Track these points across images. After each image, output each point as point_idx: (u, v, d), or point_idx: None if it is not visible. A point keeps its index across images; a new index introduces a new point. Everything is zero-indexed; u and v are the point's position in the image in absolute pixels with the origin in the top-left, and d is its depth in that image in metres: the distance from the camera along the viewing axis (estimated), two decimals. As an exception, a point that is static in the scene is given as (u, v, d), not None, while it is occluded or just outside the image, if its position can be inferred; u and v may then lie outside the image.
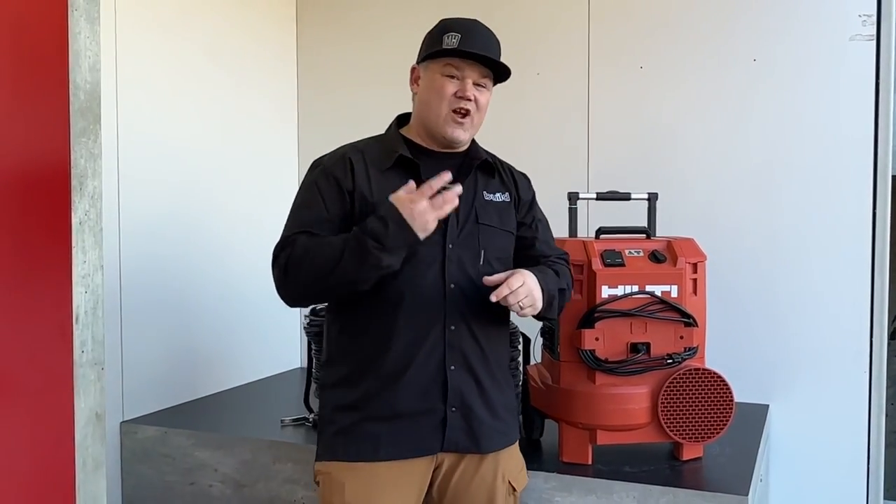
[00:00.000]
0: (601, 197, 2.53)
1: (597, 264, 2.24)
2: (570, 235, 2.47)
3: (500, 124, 3.26)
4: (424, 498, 1.96)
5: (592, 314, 2.22)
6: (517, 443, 2.07)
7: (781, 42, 2.93)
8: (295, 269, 1.82)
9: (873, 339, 2.85)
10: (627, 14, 3.12)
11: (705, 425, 2.26)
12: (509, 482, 2.00)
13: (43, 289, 1.92)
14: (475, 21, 1.96)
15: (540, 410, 2.44)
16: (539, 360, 2.57)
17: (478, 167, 2.00)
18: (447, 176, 1.75)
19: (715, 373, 2.24)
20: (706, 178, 3.02)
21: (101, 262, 2.00)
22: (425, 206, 1.72)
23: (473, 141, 2.05)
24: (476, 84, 1.92)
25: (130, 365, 2.83)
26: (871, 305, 2.85)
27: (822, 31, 2.87)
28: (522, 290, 1.83)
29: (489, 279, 1.86)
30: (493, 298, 1.81)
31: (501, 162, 2.12)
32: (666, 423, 2.23)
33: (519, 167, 2.45)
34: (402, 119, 2.04)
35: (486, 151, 2.07)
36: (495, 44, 1.98)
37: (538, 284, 1.88)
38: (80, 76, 1.96)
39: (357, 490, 1.87)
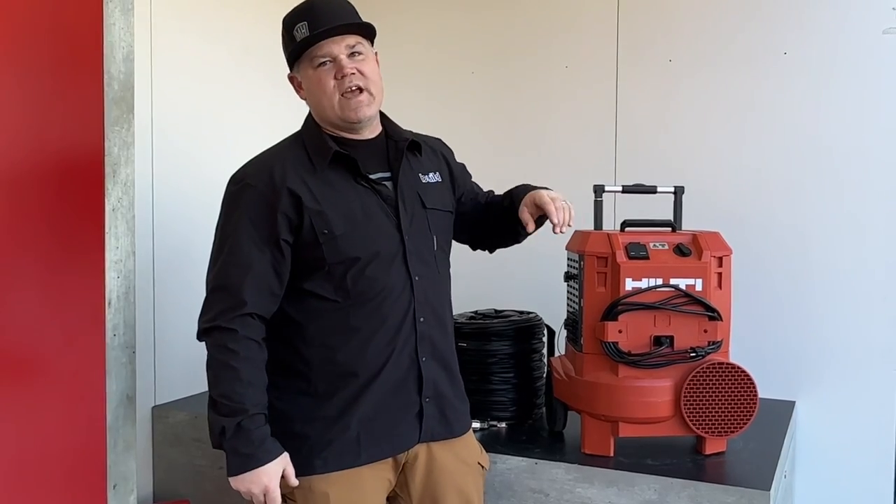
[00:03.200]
0: (627, 190, 2.53)
1: (621, 257, 2.24)
2: (596, 228, 2.47)
3: (528, 116, 3.29)
4: (393, 490, 1.95)
5: (616, 307, 2.22)
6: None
7: (813, 35, 2.90)
8: (214, 365, 1.85)
9: (903, 337, 2.82)
10: (657, 6, 3.11)
11: (728, 420, 2.25)
12: (478, 463, 2.05)
13: (77, 274, 1.98)
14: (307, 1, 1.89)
15: (563, 402, 2.45)
16: (563, 352, 2.57)
17: (406, 148, 1.96)
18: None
19: (739, 367, 2.23)
20: (734, 171, 3.00)
21: (134, 248, 2.05)
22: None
23: (390, 120, 2.01)
24: (351, 55, 1.84)
25: (163, 350, 2.89)
26: (901, 302, 2.81)
27: (855, 24, 2.84)
28: (561, 201, 1.91)
29: (527, 219, 1.93)
30: (560, 231, 1.88)
31: (420, 136, 2.06)
32: (689, 416, 2.23)
33: (546, 159, 2.45)
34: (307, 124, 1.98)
35: (404, 129, 2.03)
36: (342, 4, 1.92)
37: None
38: (115, 67, 2.01)
39: (342, 498, 1.83)
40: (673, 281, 2.23)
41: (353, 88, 1.83)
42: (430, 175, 1.99)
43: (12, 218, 1.83)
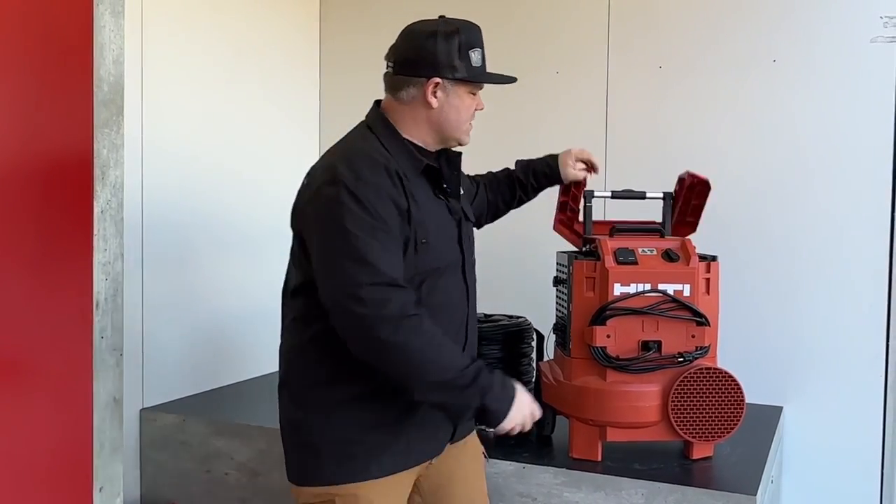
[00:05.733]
0: (616, 195, 2.53)
1: (609, 262, 2.25)
2: (585, 232, 2.48)
3: (518, 121, 3.30)
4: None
5: (604, 311, 2.23)
6: None
7: (802, 43, 2.92)
8: (429, 349, 1.73)
9: (889, 343, 2.83)
10: (647, 13, 3.12)
11: (716, 425, 2.26)
12: (482, 453, 2.11)
13: (64, 275, 1.97)
14: (478, 27, 1.93)
15: (551, 406, 2.45)
16: (552, 356, 2.58)
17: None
18: None
19: (726, 372, 2.25)
20: (723, 178, 2.99)
21: (122, 251, 2.04)
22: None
23: None
24: None
25: (151, 353, 2.89)
26: (887, 308, 2.83)
27: (843, 33, 2.86)
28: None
29: (583, 175, 2.35)
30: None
31: None
32: (676, 421, 2.24)
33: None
34: (378, 115, 1.95)
35: None
36: None
37: None
38: (104, 69, 2.00)
39: (386, 502, 1.85)
40: (661, 286, 2.24)
41: (472, 121, 1.94)
42: (462, 188, 2.04)
43: None
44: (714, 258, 2.34)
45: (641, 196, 2.53)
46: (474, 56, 1.86)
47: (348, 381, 1.82)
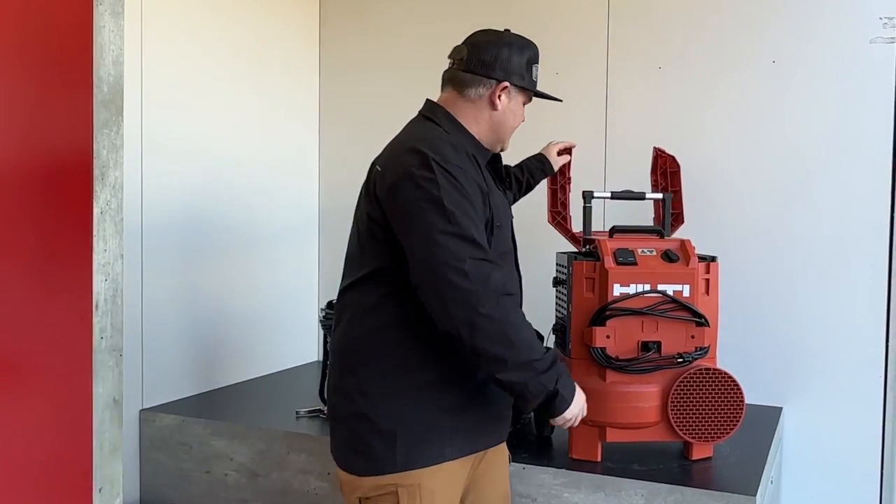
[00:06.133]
0: (616, 196, 2.54)
1: (609, 262, 2.25)
2: (585, 233, 2.49)
3: (518, 122, 3.30)
4: None
5: (604, 312, 2.23)
6: None
7: (801, 43, 2.92)
8: (522, 328, 1.81)
9: (889, 343, 2.83)
10: (647, 14, 3.13)
11: (715, 425, 2.26)
12: (508, 455, 2.14)
13: (64, 276, 1.97)
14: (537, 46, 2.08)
15: (551, 407, 2.45)
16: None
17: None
18: None
19: (725, 373, 2.25)
20: (723, 178, 3.02)
21: (122, 251, 2.04)
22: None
23: None
24: None
25: (150, 354, 2.89)
26: (887, 309, 2.83)
27: (843, 34, 2.86)
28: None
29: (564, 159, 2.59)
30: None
31: None
32: (675, 422, 2.24)
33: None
34: (440, 110, 2.00)
35: None
36: None
37: None
38: (104, 69, 2.00)
39: (445, 493, 1.88)
40: (661, 287, 2.24)
41: None
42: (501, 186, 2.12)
43: (-1, 220, 1.83)
44: (713, 259, 2.34)
45: (641, 197, 2.53)
46: (535, 71, 2.05)
47: (418, 368, 1.86)
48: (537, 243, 2.49)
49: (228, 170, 3.23)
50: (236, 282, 3.26)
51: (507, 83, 1.96)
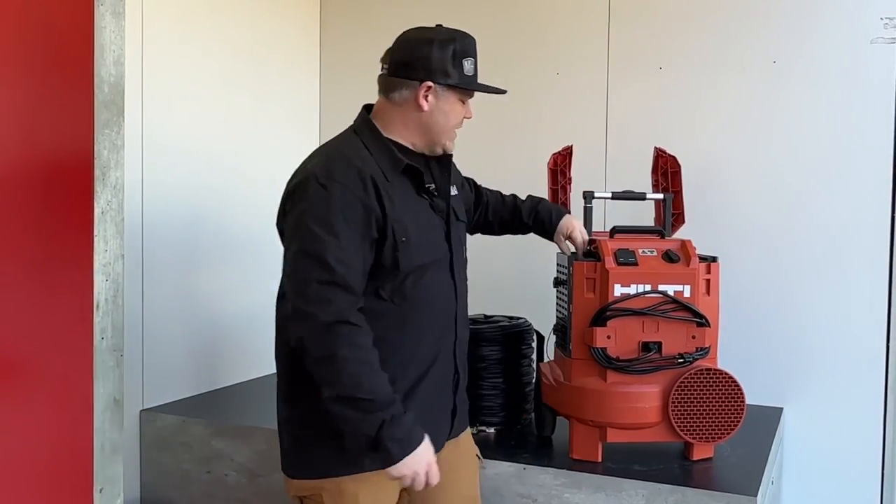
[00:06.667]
0: (616, 196, 2.54)
1: (610, 263, 2.25)
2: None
3: (518, 122, 3.30)
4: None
5: (605, 312, 2.23)
6: None
7: (802, 44, 2.92)
8: (348, 363, 1.74)
9: (890, 344, 2.83)
10: (647, 14, 3.12)
11: (716, 426, 2.26)
12: (476, 455, 2.14)
13: (65, 276, 1.97)
14: (473, 38, 1.98)
15: (551, 407, 2.45)
16: (552, 357, 2.58)
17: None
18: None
19: (726, 373, 2.25)
20: (724, 178, 3.02)
21: (122, 252, 2.05)
22: (425, 482, 1.80)
23: None
24: None
25: (151, 355, 2.89)
26: (888, 309, 2.83)
27: (843, 34, 2.86)
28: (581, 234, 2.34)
29: (565, 249, 2.35)
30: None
31: None
32: (676, 422, 2.24)
33: (537, 165, 2.48)
34: (363, 118, 2.00)
35: None
36: None
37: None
38: (105, 70, 2.00)
39: (369, 497, 1.87)
40: (661, 287, 2.24)
41: (458, 129, 2.00)
42: (453, 188, 2.08)
43: (0, 220, 1.83)
44: (714, 259, 2.34)
45: (641, 197, 2.53)
46: (467, 65, 1.93)
47: None
48: (538, 244, 2.48)
49: (229, 170, 3.23)
50: (237, 282, 3.26)
51: (430, 83, 1.89)
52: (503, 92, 2.02)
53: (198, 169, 3.07)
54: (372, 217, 1.81)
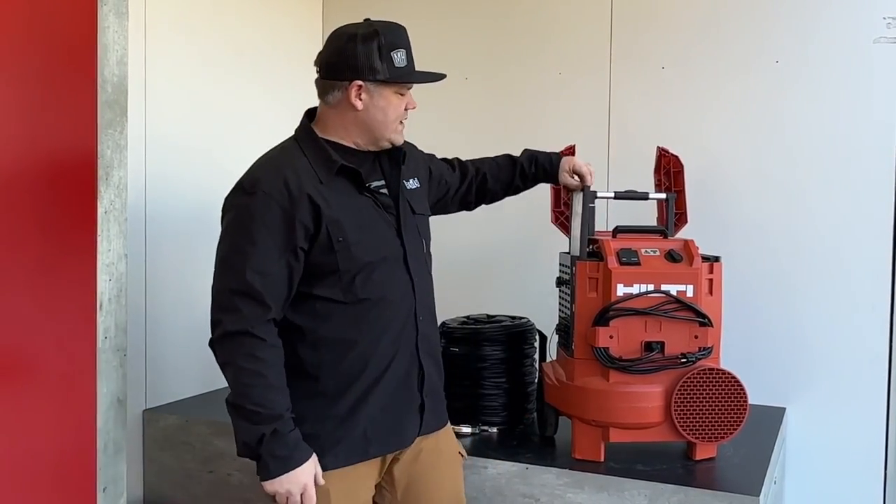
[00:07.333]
0: (619, 196, 2.54)
1: (612, 262, 2.25)
2: (588, 233, 2.48)
3: (521, 122, 3.30)
4: (378, 482, 1.99)
5: (607, 312, 2.23)
6: None
7: (805, 43, 2.92)
8: (243, 374, 1.78)
9: (892, 343, 2.83)
10: (650, 14, 3.12)
11: (719, 425, 2.26)
12: (459, 452, 2.12)
13: (68, 276, 1.98)
14: (402, 27, 1.96)
15: (554, 407, 2.45)
16: (555, 357, 2.58)
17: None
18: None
19: (729, 373, 2.24)
20: (727, 178, 3.02)
21: (125, 251, 2.05)
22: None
23: None
24: None
25: (154, 354, 2.89)
26: (891, 309, 2.83)
27: (846, 33, 2.85)
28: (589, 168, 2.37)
29: (574, 185, 2.36)
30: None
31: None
32: (679, 422, 2.24)
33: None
34: (301, 122, 2.00)
35: None
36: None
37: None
38: (108, 70, 2.01)
39: (341, 493, 1.87)
40: (664, 287, 2.24)
41: (405, 120, 1.97)
42: (412, 181, 2.06)
43: (4, 220, 1.84)
44: (717, 259, 2.34)
45: (644, 197, 2.53)
46: (397, 57, 1.89)
47: (301, 378, 1.87)
48: (540, 244, 2.49)
49: (232, 170, 3.21)
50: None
51: (359, 81, 1.86)
52: (441, 77, 1.98)
53: (201, 168, 3.07)
54: (297, 225, 1.81)
